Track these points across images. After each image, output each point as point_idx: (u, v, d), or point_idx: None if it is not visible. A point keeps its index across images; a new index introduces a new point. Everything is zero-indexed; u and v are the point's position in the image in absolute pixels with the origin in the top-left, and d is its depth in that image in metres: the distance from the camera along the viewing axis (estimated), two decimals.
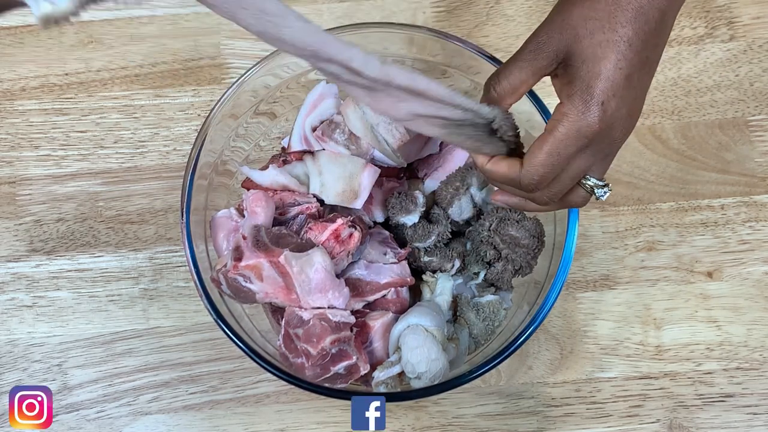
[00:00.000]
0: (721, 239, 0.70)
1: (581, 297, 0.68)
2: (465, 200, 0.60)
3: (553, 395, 0.66)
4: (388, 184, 0.62)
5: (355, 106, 0.59)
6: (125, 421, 0.65)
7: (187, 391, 0.66)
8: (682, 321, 0.68)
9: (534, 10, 0.76)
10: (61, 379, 0.66)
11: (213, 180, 0.62)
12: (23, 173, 0.71)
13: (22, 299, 0.68)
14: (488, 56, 0.60)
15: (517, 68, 0.44)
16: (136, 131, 0.72)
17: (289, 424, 0.65)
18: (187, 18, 0.76)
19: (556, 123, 0.43)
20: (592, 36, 0.41)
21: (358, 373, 0.55)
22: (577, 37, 0.42)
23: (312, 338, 0.53)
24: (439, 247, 0.61)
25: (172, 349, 0.67)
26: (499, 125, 0.45)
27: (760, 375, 0.66)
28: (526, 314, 0.57)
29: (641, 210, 0.70)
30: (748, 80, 0.74)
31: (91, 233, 0.70)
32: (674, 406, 0.66)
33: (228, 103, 0.60)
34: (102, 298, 0.68)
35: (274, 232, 0.56)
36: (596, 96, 0.41)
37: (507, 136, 0.46)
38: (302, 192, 0.60)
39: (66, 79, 0.74)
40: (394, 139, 0.58)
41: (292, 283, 0.53)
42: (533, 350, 0.67)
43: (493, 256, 0.59)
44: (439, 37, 0.61)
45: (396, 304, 0.59)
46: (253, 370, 0.66)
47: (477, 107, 0.44)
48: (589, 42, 0.42)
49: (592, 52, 0.41)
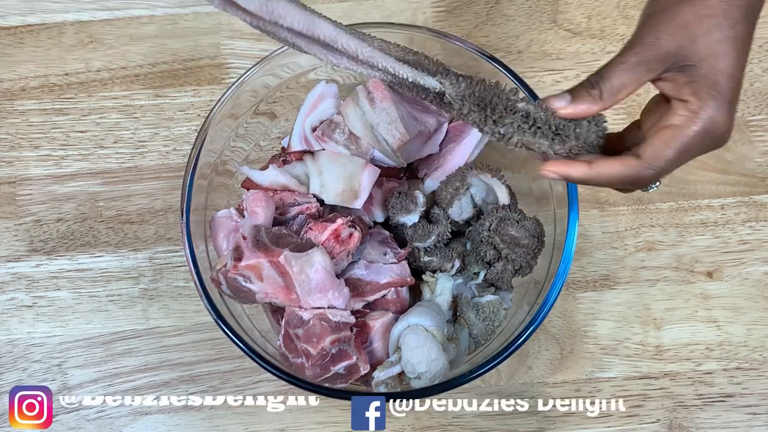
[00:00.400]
0: (721, 239, 0.70)
1: (581, 297, 0.68)
2: (465, 200, 0.60)
3: (553, 395, 0.66)
4: (388, 184, 0.62)
5: (355, 106, 0.59)
6: (125, 421, 0.65)
7: (187, 391, 0.66)
8: (682, 321, 0.68)
9: (534, 10, 0.76)
10: (61, 379, 0.66)
11: (213, 180, 0.62)
12: (23, 173, 0.71)
13: (22, 299, 0.68)
14: (488, 56, 0.60)
15: (623, 70, 0.43)
16: (136, 131, 0.72)
17: (289, 424, 0.65)
18: (186, 18, 0.76)
19: (686, 120, 0.42)
20: (710, 34, 0.41)
21: (358, 373, 0.55)
22: (693, 36, 0.41)
23: (312, 338, 0.53)
24: (439, 247, 0.61)
25: (172, 349, 0.67)
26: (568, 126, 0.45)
27: (760, 375, 0.66)
28: (526, 314, 0.57)
29: (641, 210, 0.70)
30: (748, 80, 0.74)
31: (91, 233, 0.70)
32: (674, 406, 0.66)
33: (228, 103, 0.60)
34: (102, 298, 0.68)
35: (274, 232, 0.56)
36: (725, 95, 0.41)
37: (599, 136, 0.46)
38: (302, 192, 0.60)
39: (66, 79, 0.74)
40: (394, 139, 0.58)
41: (292, 283, 0.53)
42: (533, 350, 0.67)
43: (493, 256, 0.59)
44: (439, 37, 0.61)
45: (396, 304, 0.59)
46: (253, 370, 0.66)
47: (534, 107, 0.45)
48: (707, 40, 0.41)
49: (712, 50, 0.41)
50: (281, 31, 0.44)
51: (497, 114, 0.45)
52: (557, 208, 0.59)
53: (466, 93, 0.46)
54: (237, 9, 0.42)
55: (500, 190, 0.60)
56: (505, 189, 0.60)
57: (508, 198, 0.60)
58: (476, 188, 0.61)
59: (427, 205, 0.61)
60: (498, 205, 0.60)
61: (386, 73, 0.47)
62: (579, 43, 0.75)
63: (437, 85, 0.46)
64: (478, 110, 0.46)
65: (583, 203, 0.70)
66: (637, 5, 0.76)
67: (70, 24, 0.76)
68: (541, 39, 0.75)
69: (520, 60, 0.74)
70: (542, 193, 0.62)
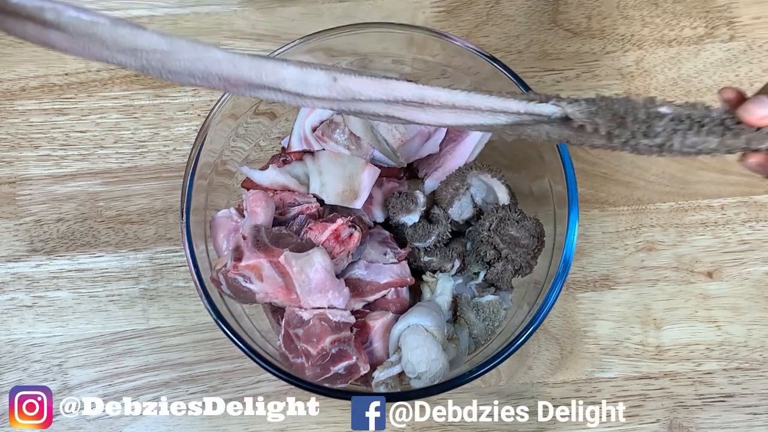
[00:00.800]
0: (721, 239, 0.70)
1: (581, 297, 0.68)
2: (465, 200, 0.60)
3: (553, 395, 0.66)
4: (388, 184, 0.62)
5: None
6: (125, 421, 0.65)
7: (187, 391, 0.66)
8: (682, 321, 0.68)
9: (534, 10, 0.76)
10: (61, 379, 0.66)
11: (213, 180, 0.62)
12: (23, 173, 0.71)
13: (22, 299, 0.68)
14: (488, 56, 0.60)
15: None
16: (136, 131, 0.72)
17: (290, 424, 0.65)
18: (187, 18, 0.76)
19: None
20: None
21: (358, 373, 0.55)
22: None
23: (312, 338, 0.53)
24: (439, 247, 0.61)
25: (172, 349, 0.67)
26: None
27: (760, 375, 0.66)
28: (526, 314, 0.57)
29: (641, 210, 0.70)
30: (748, 80, 0.74)
31: (91, 233, 0.70)
32: (674, 406, 0.66)
33: (228, 103, 0.60)
34: (102, 298, 0.68)
35: (274, 232, 0.56)
36: None
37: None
38: (302, 192, 0.60)
39: (66, 79, 0.74)
40: (394, 139, 0.58)
41: (292, 283, 0.53)
42: (533, 350, 0.67)
43: (493, 256, 0.59)
44: (439, 37, 0.61)
45: (396, 304, 0.59)
46: (253, 370, 0.66)
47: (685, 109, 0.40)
48: None
49: None
50: (365, 106, 0.41)
51: (643, 125, 0.40)
52: (557, 208, 0.59)
53: (592, 109, 0.40)
54: (314, 101, 0.39)
55: (500, 190, 0.60)
56: (505, 189, 0.60)
57: (508, 198, 0.60)
58: (476, 188, 0.61)
59: (427, 205, 0.61)
60: (498, 205, 0.60)
61: (492, 112, 0.41)
62: (579, 43, 0.75)
63: (555, 109, 0.41)
64: (618, 125, 0.40)
65: (583, 203, 0.70)
66: (637, 5, 0.76)
67: None
68: (541, 39, 0.75)
69: (520, 60, 0.74)
70: (542, 193, 0.62)
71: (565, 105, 0.41)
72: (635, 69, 0.74)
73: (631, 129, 0.40)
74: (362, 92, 0.40)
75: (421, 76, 0.65)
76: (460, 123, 0.42)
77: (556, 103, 0.41)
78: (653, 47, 0.74)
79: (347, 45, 0.62)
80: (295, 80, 0.38)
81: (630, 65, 0.74)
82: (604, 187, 0.71)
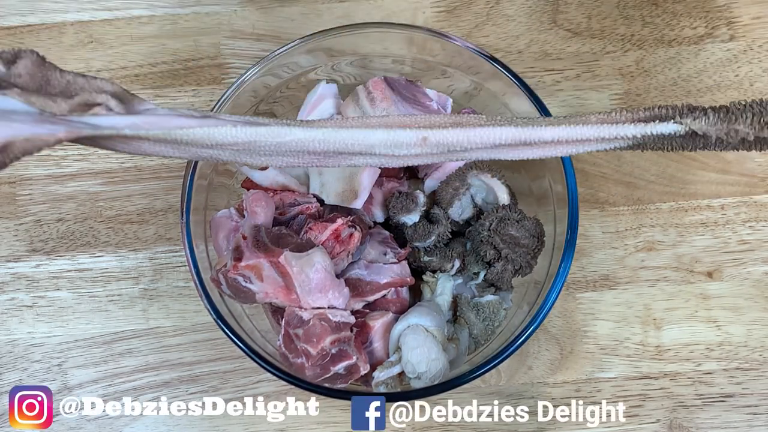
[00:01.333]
0: (721, 239, 0.70)
1: (581, 297, 0.68)
2: (465, 200, 0.60)
3: (553, 395, 0.66)
4: (388, 184, 0.62)
5: (355, 105, 0.59)
6: (125, 421, 0.65)
7: (187, 391, 0.66)
8: (682, 321, 0.68)
9: (534, 10, 0.76)
10: (61, 379, 0.66)
11: (213, 180, 0.62)
12: (23, 173, 0.71)
13: (22, 299, 0.68)
14: (488, 56, 0.60)
15: None
16: None
17: (290, 424, 0.65)
18: (186, 18, 0.76)
19: None
20: None
21: (358, 373, 0.55)
22: None
23: (312, 338, 0.53)
24: (439, 247, 0.61)
25: (172, 349, 0.67)
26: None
27: (760, 375, 0.66)
28: (526, 314, 0.57)
29: (641, 210, 0.70)
30: (748, 80, 0.74)
31: (91, 233, 0.70)
32: (674, 406, 0.66)
33: (228, 103, 0.60)
34: (102, 298, 0.68)
35: (274, 232, 0.56)
36: None
37: None
38: (302, 192, 0.60)
39: None
40: None
41: (292, 283, 0.53)
42: (533, 350, 0.67)
43: (493, 256, 0.59)
44: (439, 37, 0.61)
45: (396, 304, 0.59)
46: (253, 370, 0.66)
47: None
48: None
49: None
50: (467, 155, 0.39)
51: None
52: (557, 208, 0.59)
53: (725, 120, 0.38)
54: (410, 159, 0.38)
55: (500, 190, 0.60)
56: (505, 189, 0.60)
57: (508, 198, 0.60)
58: (476, 188, 0.61)
59: (427, 205, 0.61)
60: (498, 205, 0.60)
61: (605, 141, 0.39)
62: (579, 43, 0.75)
63: (678, 127, 0.38)
64: (749, 119, 0.38)
65: (583, 203, 0.70)
66: (637, 5, 0.76)
67: (70, 24, 0.76)
68: (541, 39, 0.75)
69: (520, 60, 0.74)
70: (542, 193, 0.62)
71: (690, 121, 0.38)
72: (635, 69, 0.74)
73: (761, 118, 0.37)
74: (456, 143, 0.38)
75: (421, 76, 0.65)
76: (577, 151, 0.40)
77: (679, 120, 0.38)
78: (653, 47, 0.74)
79: (347, 45, 0.62)
80: (385, 144, 0.38)
81: (630, 65, 0.74)
82: (604, 187, 0.71)
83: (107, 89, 0.37)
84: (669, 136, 0.38)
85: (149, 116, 0.36)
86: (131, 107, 0.37)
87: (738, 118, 0.37)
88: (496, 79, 0.60)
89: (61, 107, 0.35)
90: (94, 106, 0.36)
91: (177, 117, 0.37)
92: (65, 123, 0.34)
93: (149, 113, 0.37)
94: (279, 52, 0.60)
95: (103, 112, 0.36)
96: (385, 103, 0.58)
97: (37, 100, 0.34)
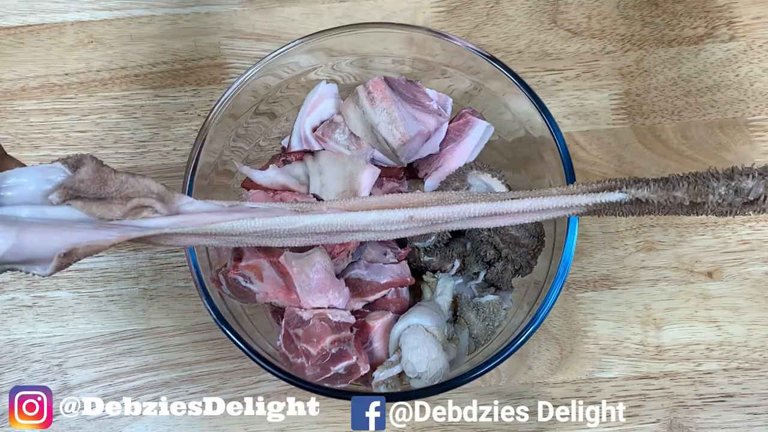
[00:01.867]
0: (721, 239, 0.70)
1: (581, 297, 0.68)
2: None
3: (553, 395, 0.66)
4: (388, 184, 0.62)
5: (355, 106, 0.59)
6: (125, 420, 0.65)
7: (187, 391, 0.66)
8: (682, 321, 0.68)
9: (534, 10, 0.76)
10: (61, 379, 0.66)
11: (213, 180, 0.62)
12: None
13: (22, 299, 0.68)
14: (488, 56, 0.60)
15: None
16: (136, 131, 0.72)
17: (290, 424, 0.65)
18: (186, 18, 0.76)
19: None
20: None
21: (358, 373, 0.55)
22: None
23: (312, 338, 0.53)
24: (439, 247, 0.61)
25: (172, 349, 0.67)
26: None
27: (760, 375, 0.66)
28: (526, 314, 0.57)
29: None
30: (748, 80, 0.74)
31: None
32: (674, 406, 0.66)
33: (228, 103, 0.60)
34: (102, 298, 0.68)
35: None
36: None
37: None
38: (302, 192, 0.60)
39: (66, 79, 0.74)
40: (394, 139, 0.58)
41: (292, 283, 0.53)
42: (533, 350, 0.67)
43: (493, 256, 0.59)
44: (439, 37, 0.61)
45: (396, 304, 0.59)
46: (253, 370, 0.66)
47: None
48: None
49: None
50: (447, 226, 0.46)
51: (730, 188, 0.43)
52: None
53: (664, 189, 0.44)
54: (400, 233, 0.46)
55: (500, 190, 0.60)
56: (505, 189, 0.60)
57: None
58: (476, 188, 0.61)
59: None
60: None
61: (563, 209, 0.45)
62: (579, 43, 0.75)
63: (623, 196, 0.44)
64: (699, 194, 0.43)
65: None
66: (637, 5, 0.76)
67: (70, 24, 0.76)
68: (541, 39, 0.75)
69: (520, 60, 0.74)
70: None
71: (634, 191, 0.44)
72: (635, 69, 0.74)
73: (717, 192, 0.43)
74: (438, 218, 0.45)
75: (421, 76, 0.65)
76: (541, 218, 0.46)
77: (625, 190, 0.44)
78: (653, 47, 0.74)
79: (347, 45, 0.62)
80: (378, 223, 0.45)
81: (630, 65, 0.74)
82: None
83: (154, 190, 0.43)
84: (617, 203, 0.44)
85: (186, 216, 0.43)
86: (171, 205, 0.43)
87: (676, 186, 0.43)
88: (496, 79, 0.60)
89: (115, 214, 0.41)
90: (144, 209, 0.42)
91: (208, 214, 0.44)
92: (118, 228, 0.41)
93: (185, 209, 0.44)
94: (279, 52, 0.60)
95: (150, 215, 0.42)
96: (385, 103, 0.58)
97: (97, 210, 0.40)
